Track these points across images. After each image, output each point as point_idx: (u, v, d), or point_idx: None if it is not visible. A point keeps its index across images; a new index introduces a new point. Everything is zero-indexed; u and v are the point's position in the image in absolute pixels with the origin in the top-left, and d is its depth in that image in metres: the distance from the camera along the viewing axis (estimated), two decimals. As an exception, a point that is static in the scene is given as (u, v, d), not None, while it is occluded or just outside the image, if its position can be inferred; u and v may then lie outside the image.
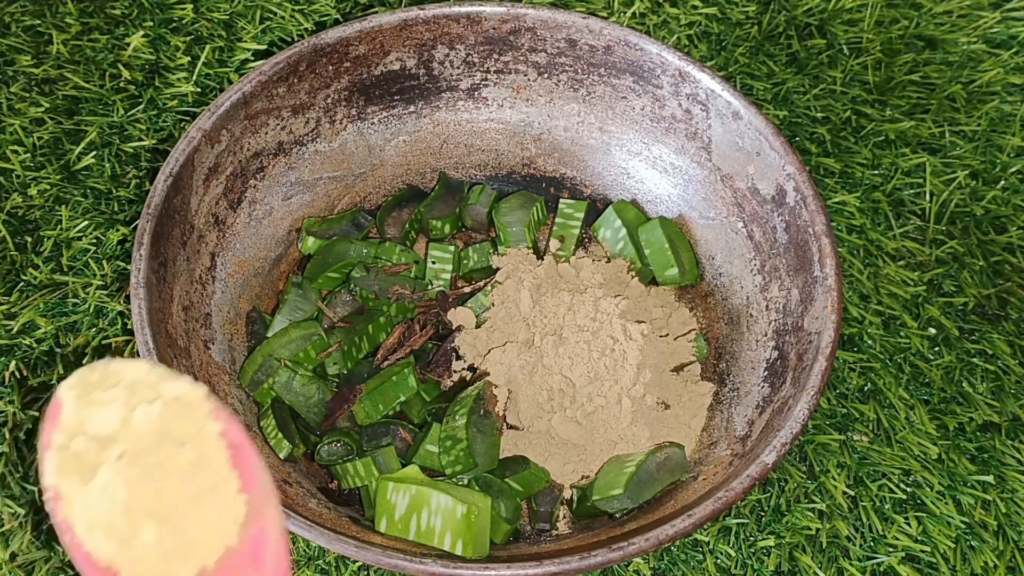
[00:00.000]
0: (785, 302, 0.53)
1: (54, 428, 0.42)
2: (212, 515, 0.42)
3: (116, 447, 0.41)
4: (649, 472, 0.50)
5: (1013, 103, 0.71)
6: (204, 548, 0.42)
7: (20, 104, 0.65)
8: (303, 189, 0.60)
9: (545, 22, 0.59)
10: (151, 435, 0.41)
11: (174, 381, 0.43)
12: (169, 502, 0.41)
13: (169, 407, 0.42)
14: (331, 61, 0.58)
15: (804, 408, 0.46)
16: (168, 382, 0.43)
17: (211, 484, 0.42)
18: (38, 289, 0.58)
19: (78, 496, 0.41)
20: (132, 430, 0.41)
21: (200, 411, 0.43)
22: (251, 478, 0.43)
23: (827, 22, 0.73)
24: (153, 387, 0.43)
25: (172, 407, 0.43)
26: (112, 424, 0.41)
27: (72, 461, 0.41)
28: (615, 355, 0.54)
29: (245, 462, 0.43)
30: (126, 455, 0.41)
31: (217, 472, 0.42)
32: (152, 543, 0.40)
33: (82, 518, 0.40)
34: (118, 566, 0.40)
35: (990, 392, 0.58)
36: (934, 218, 0.65)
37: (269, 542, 0.42)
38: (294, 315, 0.56)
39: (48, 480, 0.40)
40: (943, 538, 0.53)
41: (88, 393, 0.42)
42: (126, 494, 0.40)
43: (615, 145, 0.62)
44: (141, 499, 0.40)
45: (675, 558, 0.52)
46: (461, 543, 0.46)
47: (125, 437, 0.41)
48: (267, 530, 0.42)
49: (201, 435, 0.43)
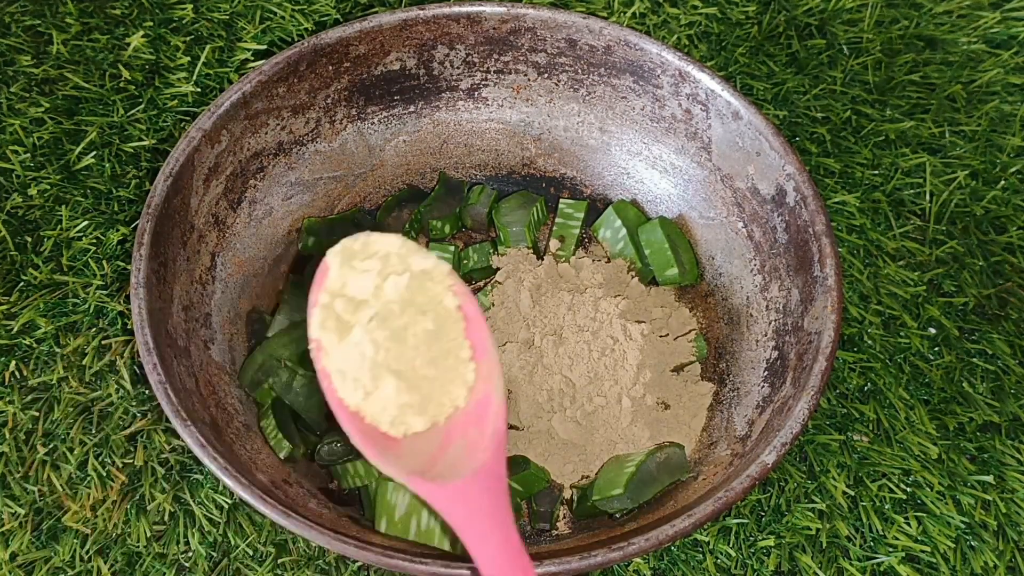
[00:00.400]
0: (785, 302, 0.53)
1: (320, 288, 0.47)
2: (445, 377, 0.46)
3: (368, 310, 0.46)
4: (649, 472, 0.50)
5: (1013, 103, 0.71)
6: (436, 405, 0.46)
7: (20, 104, 0.65)
8: (303, 189, 0.60)
9: (545, 22, 0.59)
10: (398, 302, 0.46)
11: (422, 256, 0.48)
12: (409, 362, 0.45)
13: (416, 279, 0.47)
14: (331, 61, 0.58)
15: (804, 408, 0.46)
16: (417, 256, 0.48)
17: (446, 350, 0.47)
18: (38, 289, 0.58)
19: (335, 349, 0.45)
20: (383, 296, 0.46)
21: (442, 285, 0.48)
22: (481, 349, 0.48)
23: (827, 22, 0.73)
24: (404, 260, 0.47)
25: (418, 279, 0.47)
26: (366, 290, 0.46)
27: (332, 319, 0.46)
28: (615, 355, 0.54)
29: (477, 334, 0.48)
30: (376, 318, 0.45)
31: (452, 340, 0.47)
32: (392, 396, 0.45)
33: (337, 369, 0.45)
34: (363, 412, 0.45)
35: (990, 392, 0.58)
36: (934, 218, 0.65)
37: (492, 406, 0.46)
38: (294, 315, 0.56)
39: (313, 333, 0.46)
40: (943, 538, 0.53)
41: (349, 260, 0.47)
42: (373, 352, 0.45)
43: (615, 145, 0.62)
44: (386, 357, 0.45)
45: (675, 558, 0.52)
46: (461, 543, 0.46)
47: (376, 302, 0.46)
48: (491, 396, 0.46)
49: (441, 306, 0.47)
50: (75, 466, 0.53)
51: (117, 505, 0.52)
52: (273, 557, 0.51)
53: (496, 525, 0.42)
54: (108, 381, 0.55)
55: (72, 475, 0.53)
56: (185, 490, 0.53)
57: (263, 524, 0.52)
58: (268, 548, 0.51)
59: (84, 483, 0.52)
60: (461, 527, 0.43)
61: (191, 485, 0.53)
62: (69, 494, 0.52)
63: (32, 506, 0.52)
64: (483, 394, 0.47)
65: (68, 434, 0.54)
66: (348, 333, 0.46)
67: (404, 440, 0.46)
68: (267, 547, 0.51)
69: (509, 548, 0.42)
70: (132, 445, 0.54)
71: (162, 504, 0.52)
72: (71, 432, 0.54)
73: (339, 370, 0.46)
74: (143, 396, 0.55)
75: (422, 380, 0.46)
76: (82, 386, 0.55)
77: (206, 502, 0.52)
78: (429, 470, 0.44)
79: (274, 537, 0.52)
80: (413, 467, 0.44)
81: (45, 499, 0.52)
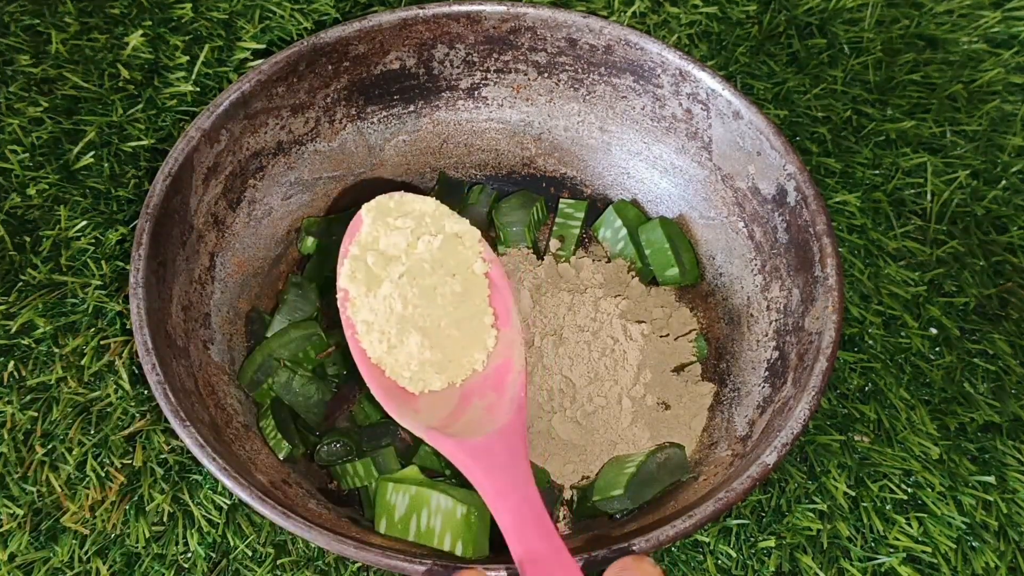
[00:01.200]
0: (786, 302, 0.53)
1: (352, 241, 0.49)
2: (467, 340, 0.48)
3: (399, 267, 0.47)
4: (649, 472, 0.49)
5: (1014, 103, 0.71)
6: (456, 366, 0.48)
7: (19, 104, 0.65)
8: (302, 189, 0.60)
9: (545, 21, 0.59)
10: (429, 262, 0.48)
11: (455, 220, 0.50)
12: (434, 321, 0.47)
13: (448, 241, 0.49)
14: (331, 60, 0.58)
15: (805, 408, 0.46)
16: (450, 220, 0.50)
17: (470, 314, 0.48)
18: (37, 289, 0.58)
19: (362, 301, 0.47)
20: (414, 255, 0.48)
21: (473, 250, 0.50)
22: (505, 317, 0.49)
23: (828, 21, 0.73)
24: (437, 222, 0.49)
25: (451, 242, 0.49)
26: (399, 247, 0.48)
27: (362, 271, 0.47)
28: (615, 355, 0.54)
29: (502, 302, 0.50)
30: (406, 275, 0.47)
31: (477, 305, 0.49)
32: (414, 352, 0.46)
33: (363, 320, 0.47)
34: (384, 365, 0.47)
35: (991, 392, 0.58)
36: (935, 218, 0.65)
37: (511, 373, 0.48)
38: (293, 315, 0.56)
39: (341, 283, 0.48)
40: (944, 539, 0.53)
41: (384, 216, 0.49)
42: (401, 307, 0.46)
43: (615, 145, 0.61)
44: (413, 313, 0.46)
45: (675, 559, 0.52)
46: (461, 544, 0.46)
47: (407, 260, 0.48)
48: (512, 363, 0.48)
49: (470, 271, 0.49)
50: (74, 466, 0.53)
51: (116, 506, 0.52)
52: (272, 558, 0.51)
53: (515, 482, 0.43)
54: (107, 381, 0.55)
55: (71, 475, 0.53)
56: (184, 491, 0.52)
57: (262, 525, 0.52)
58: (267, 549, 0.51)
59: (83, 484, 0.52)
60: (480, 482, 0.43)
61: (190, 486, 0.53)
62: (68, 495, 0.52)
63: (31, 507, 0.52)
64: (503, 360, 0.48)
65: (67, 434, 0.54)
66: (378, 286, 0.47)
67: (421, 397, 0.47)
68: (266, 548, 0.51)
69: (528, 502, 0.42)
70: (131, 446, 0.54)
71: (161, 505, 0.52)
72: (70, 432, 0.54)
73: (365, 321, 0.47)
74: (142, 396, 0.55)
75: (446, 339, 0.47)
76: (81, 386, 0.55)
77: (205, 503, 0.52)
78: (447, 427, 0.45)
79: (273, 538, 0.52)
80: (431, 422, 0.46)
81: (44, 500, 0.52)
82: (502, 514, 0.42)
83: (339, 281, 0.48)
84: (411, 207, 0.50)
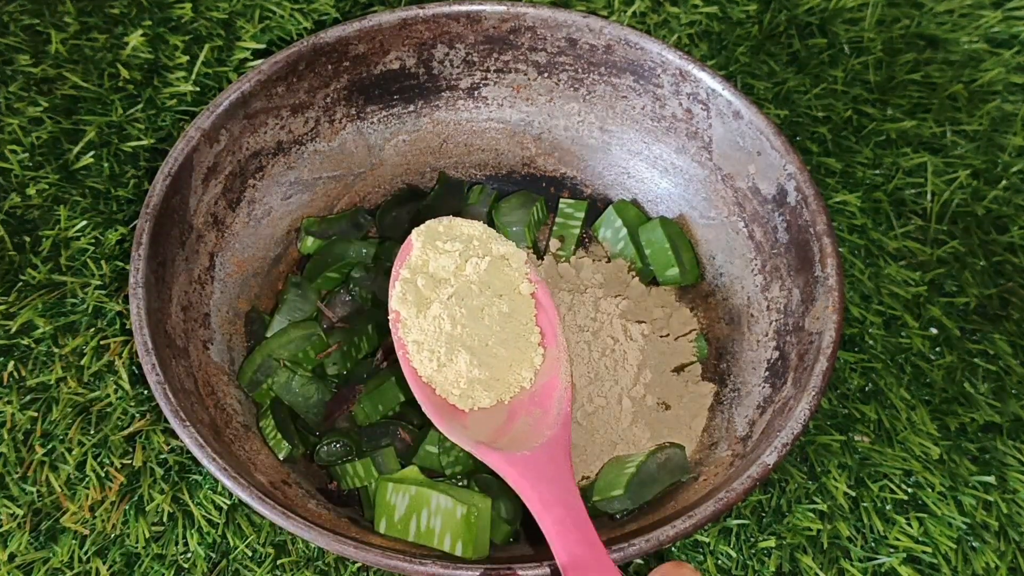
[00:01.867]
0: (786, 302, 0.53)
1: (403, 264, 0.51)
2: (514, 358, 0.49)
3: (448, 288, 0.49)
4: (649, 473, 0.49)
5: (1015, 103, 0.70)
6: (503, 384, 0.49)
7: (18, 103, 0.65)
8: (302, 189, 0.60)
9: (545, 21, 0.58)
10: (477, 284, 0.49)
11: (502, 243, 0.52)
12: (482, 341, 0.48)
13: (495, 264, 0.50)
14: (330, 60, 0.58)
15: (805, 408, 0.46)
16: (497, 242, 0.52)
17: (518, 333, 0.50)
18: (36, 289, 0.58)
19: (413, 322, 0.49)
20: (462, 277, 0.49)
21: (520, 272, 0.51)
22: (551, 336, 0.51)
23: (828, 21, 0.73)
24: (485, 244, 0.51)
25: (497, 264, 0.50)
26: (448, 269, 0.50)
27: (413, 293, 0.49)
28: (615, 355, 0.54)
29: (548, 321, 0.51)
30: (455, 296, 0.48)
31: (524, 325, 0.50)
32: (463, 370, 0.48)
33: (414, 340, 0.49)
34: (434, 383, 0.48)
35: (992, 392, 0.58)
36: (935, 218, 0.65)
37: (557, 390, 0.49)
38: (293, 315, 0.56)
39: (393, 304, 0.49)
40: (944, 539, 0.53)
41: (433, 240, 0.51)
42: (450, 327, 0.48)
43: (615, 144, 0.61)
44: (462, 333, 0.48)
45: (675, 559, 0.52)
46: (461, 544, 0.46)
47: (456, 281, 0.49)
48: (556, 381, 0.49)
49: (516, 291, 0.51)
50: (73, 467, 0.53)
51: (116, 506, 0.52)
52: (272, 558, 0.51)
53: (559, 493, 0.44)
54: (107, 381, 0.55)
55: (71, 476, 0.53)
56: (184, 491, 0.52)
57: (262, 525, 0.52)
58: (267, 549, 0.51)
59: (83, 484, 0.52)
60: (526, 493, 0.44)
61: (190, 486, 0.53)
62: (67, 495, 0.52)
63: (30, 507, 0.52)
64: (549, 378, 0.49)
65: (66, 434, 0.54)
66: (427, 308, 0.49)
67: (470, 413, 0.48)
68: (266, 548, 0.51)
69: (572, 512, 0.43)
70: (131, 446, 0.54)
71: (161, 505, 0.52)
72: (69, 432, 0.54)
73: (416, 341, 0.49)
74: (142, 396, 0.55)
75: (493, 358, 0.48)
76: (80, 386, 0.55)
77: (205, 503, 0.52)
78: (495, 441, 0.46)
79: (273, 538, 0.52)
80: (479, 437, 0.47)
81: (43, 500, 0.52)
82: (547, 524, 0.43)
83: (391, 303, 0.49)
84: (459, 231, 0.52)
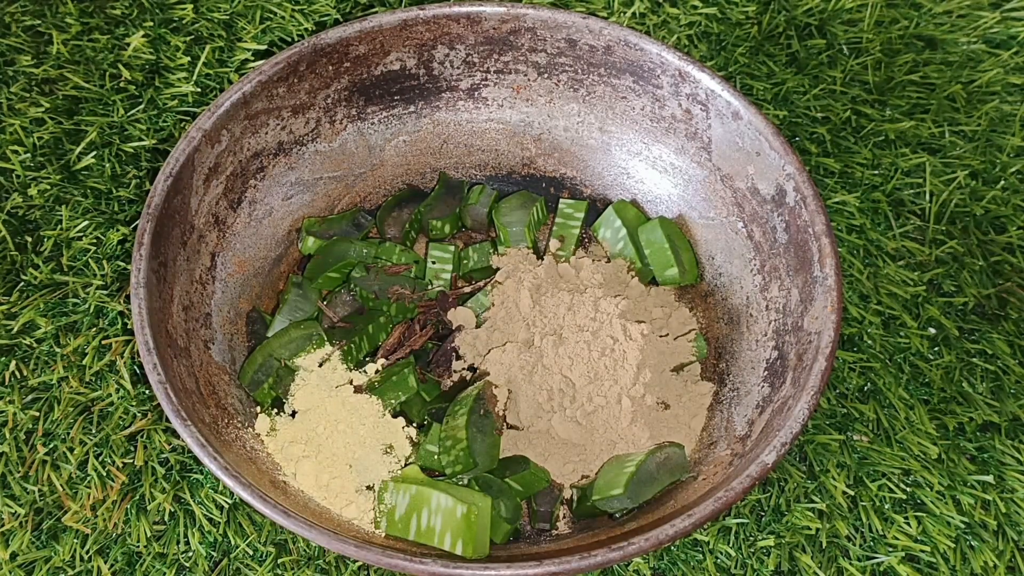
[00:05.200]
0: (785, 302, 0.53)
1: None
2: None
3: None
4: (649, 472, 0.50)
5: (1013, 103, 0.71)
6: None
7: (20, 104, 0.65)
8: (303, 189, 0.60)
9: (545, 22, 0.59)
10: None
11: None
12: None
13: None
14: (331, 61, 0.58)
15: (804, 408, 0.46)
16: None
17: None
18: (38, 289, 0.58)
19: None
20: None
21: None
22: None
23: (827, 22, 0.73)
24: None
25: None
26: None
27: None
28: (615, 355, 0.54)
29: None
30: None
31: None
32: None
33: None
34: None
35: (990, 392, 0.58)
36: (934, 218, 0.65)
37: None
38: (294, 315, 0.56)
39: None
40: (943, 538, 0.53)
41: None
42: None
43: (615, 145, 0.62)
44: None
45: (675, 558, 0.52)
46: (461, 543, 0.46)
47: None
48: None
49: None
50: (75, 466, 0.53)
51: (117, 505, 0.52)
52: (273, 557, 0.51)
53: None
54: (108, 381, 0.55)
55: (72, 475, 0.53)
56: (185, 490, 0.53)
57: (263, 524, 0.52)
58: (268, 548, 0.51)
59: (84, 483, 0.52)
60: None
61: (191, 485, 0.53)
62: (69, 494, 0.52)
63: (32, 506, 0.52)
64: None
65: (68, 434, 0.54)
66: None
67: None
68: (267, 547, 0.51)
69: None
70: (132, 445, 0.54)
71: (162, 504, 0.52)
72: (71, 432, 0.54)
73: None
74: (143, 396, 0.55)
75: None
76: (82, 386, 0.55)
77: (206, 502, 0.52)
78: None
79: (274, 537, 0.52)
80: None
81: (45, 499, 0.52)
82: None
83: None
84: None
